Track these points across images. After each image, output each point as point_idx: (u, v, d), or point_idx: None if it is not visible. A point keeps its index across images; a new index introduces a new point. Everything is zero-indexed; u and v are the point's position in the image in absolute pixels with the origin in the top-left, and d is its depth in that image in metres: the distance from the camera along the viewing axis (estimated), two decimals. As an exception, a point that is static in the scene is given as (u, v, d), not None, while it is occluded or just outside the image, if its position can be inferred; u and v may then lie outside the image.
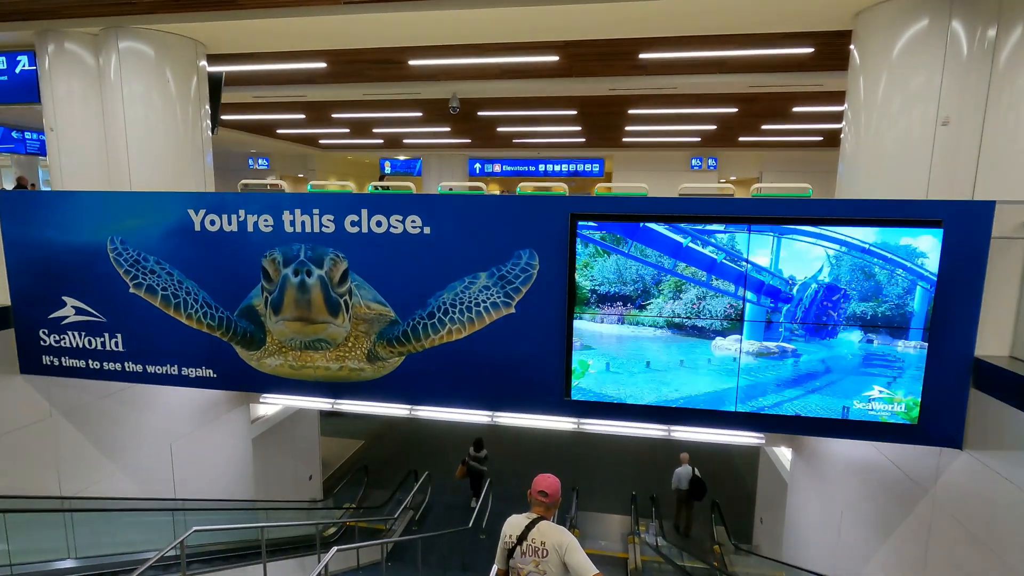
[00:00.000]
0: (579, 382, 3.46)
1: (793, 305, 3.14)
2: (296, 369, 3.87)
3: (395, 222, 3.57)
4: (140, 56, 5.81)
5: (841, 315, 3.09)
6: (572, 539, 2.61)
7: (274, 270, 3.74)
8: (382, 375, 3.78)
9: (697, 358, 3.28)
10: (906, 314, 3.01)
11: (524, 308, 3.50)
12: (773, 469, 7.17)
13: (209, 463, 6.45)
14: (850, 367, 3.13)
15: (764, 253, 3.11)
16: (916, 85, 4.44)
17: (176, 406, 5.92)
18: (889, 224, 2.97)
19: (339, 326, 3.73)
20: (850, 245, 3.01)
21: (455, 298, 3.57)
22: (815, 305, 3.12)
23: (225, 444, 6.74)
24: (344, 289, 3.69)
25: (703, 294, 3.20)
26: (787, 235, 3.07)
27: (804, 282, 3.10)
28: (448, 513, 9.94)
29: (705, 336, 3.25)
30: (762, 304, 3.17)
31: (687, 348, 3.28)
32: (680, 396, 3.34)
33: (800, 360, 3.17)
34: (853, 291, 3.05)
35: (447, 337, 3.62)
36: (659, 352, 3.32)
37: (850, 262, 3.02)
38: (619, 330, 3.34)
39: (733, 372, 3.25)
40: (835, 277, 3.06)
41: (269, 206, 3.71)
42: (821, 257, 3.06)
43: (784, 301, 3.15)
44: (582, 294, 3.33)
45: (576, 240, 3.31)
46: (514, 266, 3.47)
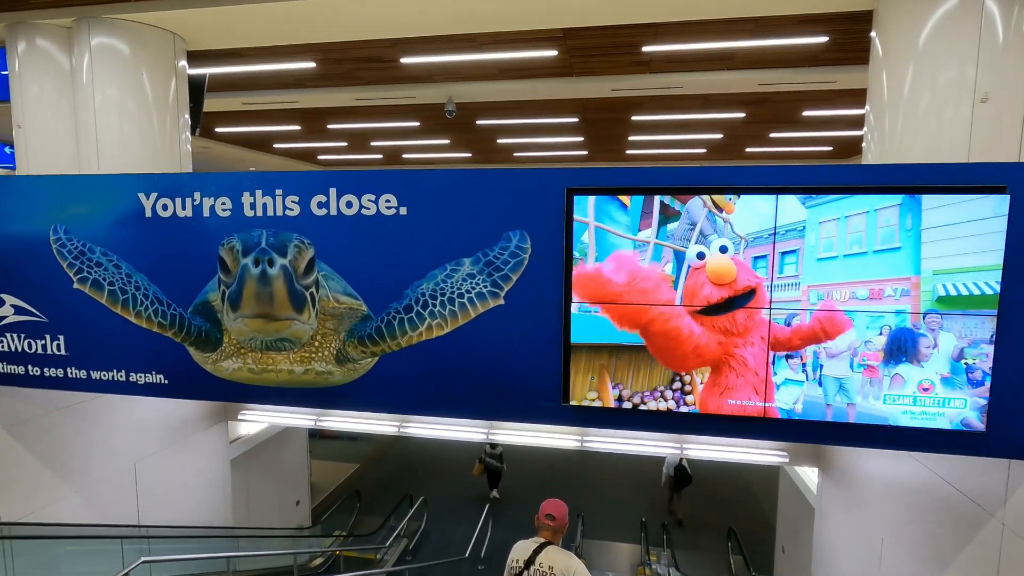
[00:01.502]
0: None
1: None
2: (256, 373, 3.40)
3: (367, 202, 3.13)
4: (114, 54, 5.50)
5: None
6: (580, 564, 2.64)
7: (232, 260, 3.30)
8: (353, 379, 3.30)
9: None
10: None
11: (514, 299, 3.03)
12: (796, 492, 6.55)
13: (180, 486, 5.93)
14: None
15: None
16: (947, 78, 4.02)
17: (142, 422, 5.43)
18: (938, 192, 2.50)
19: (304, 323, 3.27)
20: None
21: (435, 288, 3.10)
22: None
23: (199, 465, 6.22)
24: (310, 280, 3.24)
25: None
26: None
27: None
28: (445, 541, 9.30)
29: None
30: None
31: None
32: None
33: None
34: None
35: (427, 334, 3.15)
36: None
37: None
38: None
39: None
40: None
41: (227, 187, 3.29)
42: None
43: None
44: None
45: (574, 218, 2.86)
46: (502, 250, 3.01)
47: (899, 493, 3.93)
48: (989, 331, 2.50)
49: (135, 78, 5.59)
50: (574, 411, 3.04)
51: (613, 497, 10.84)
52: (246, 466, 7.32)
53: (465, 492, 11.01)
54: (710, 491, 11.04)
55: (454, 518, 9.93)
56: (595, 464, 11.99)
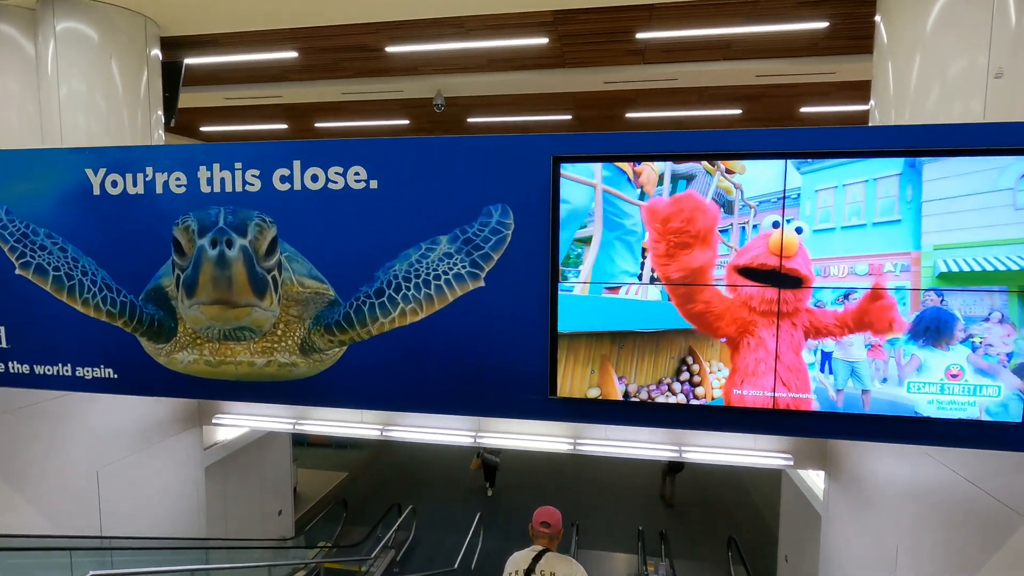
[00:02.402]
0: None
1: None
2: (214, 366, 3.09)
3: (334, 176, 2.85)
4: (81, 41, 5.21)
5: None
6: (581, 569, 2.59)
7: (187, 241, 3.00)
8: (319, 371, 2.99)
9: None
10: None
11: (496, 280, 2.74)
12: (800, 498, 6.25)
13: (148, 495, 5.57)
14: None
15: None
16: (958, 68, 3.78)
17: (106, 426, 5.09)
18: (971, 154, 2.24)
19: (266, 310, 2.97)
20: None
21: (409, 270, 2.81)
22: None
23: (170, 472, 5.87)
24: (272, 262, 2.95)
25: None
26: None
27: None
28: (434, 552, 8.93)
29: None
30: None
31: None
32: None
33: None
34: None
35: (400, 320, 2.85)
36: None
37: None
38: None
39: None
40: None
41: (182, 161, 3.00)
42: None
43: (835, 258, 2.38)
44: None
45: (561, 190, 2.58)
46: (483, 226, 2.73)
47: (916, 496, 3.64)
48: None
49: (103, 68, 5.31)
50: (563, 405, 2.74)
51: (608, 505, 10.49)
52: (223, 474, 6.96)
53: (456, 502, 10.64)
54: (708, 498, 10.72)
55: (444, 528, 9.56)
56: (589, 470, 11.65)
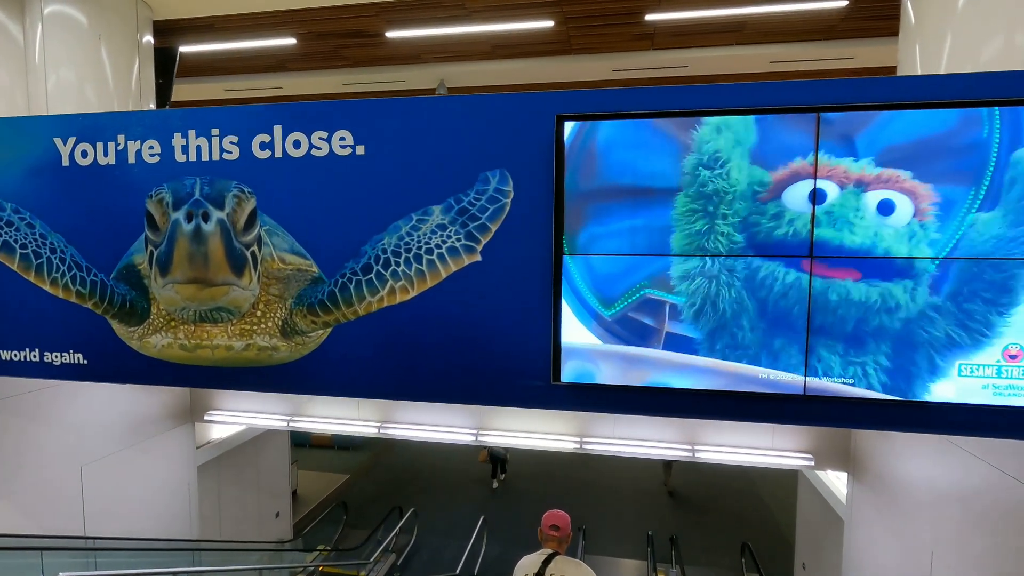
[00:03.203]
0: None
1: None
2: (189, 351, 2.85)
3: (318, 141, 2.61)
4: (69, 26, 5.02)
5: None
6: (592, 573, 2.55)
7: (161, 214, 2.77)
8: (302, 356, 2.75)
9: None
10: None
11: (494, 253, 2.48)
12: (819, 501, 5.92)
13: (136, 493, 5.35)
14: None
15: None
16: (992, 52, 3.47)
17: (91, 420, 4.87)
18: None
19: (245, 288, 2.73)
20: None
21: (399, 243, 2.57)
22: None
23: (159, 470, 5.65)
24: (251, 237, 2.71)
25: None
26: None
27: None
28: (436, 557, 8.66)
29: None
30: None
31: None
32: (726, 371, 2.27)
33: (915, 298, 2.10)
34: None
35: (389, 299, 2.60)
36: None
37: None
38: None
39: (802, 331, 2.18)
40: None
41: (155, 128, 2.78)
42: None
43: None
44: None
45: (565, 152, 2.33)
46: (479, 194, 2.48)
47: (955, 497, 3.33)
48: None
49: (93, 57, 5.11)
50: (567, 392, 2.48)
51: (616, 507, 10.17)
52: (217, 473, 6.73)
53: (460, 505, 10.37)
54: (719, 502, 10.38)
55: (447, 531, 9.28)
56: (596, 470, 11.35)
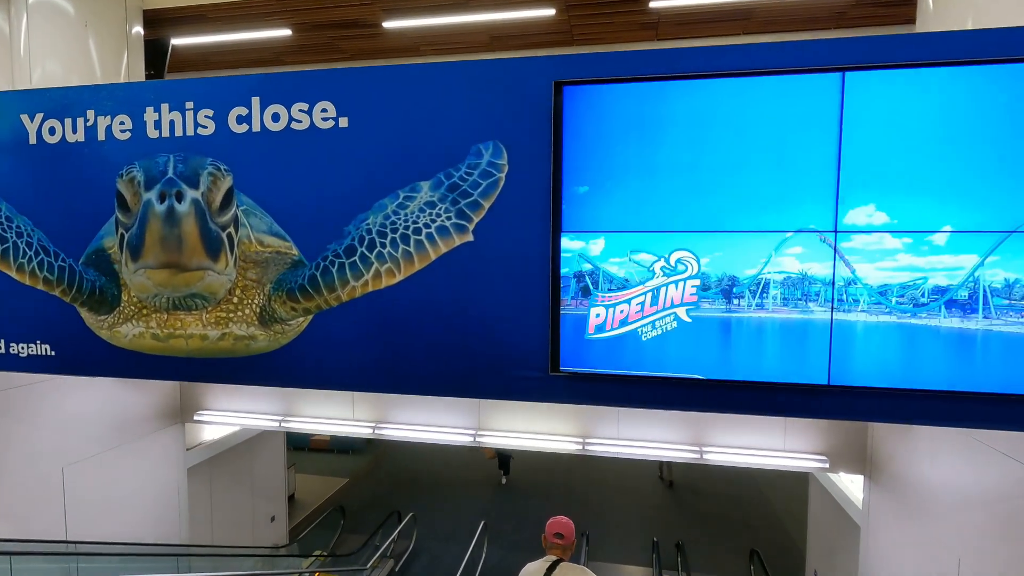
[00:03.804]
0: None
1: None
2: (162, 340, 2.66)
3: (298, 114, 2.43)
4: (55, 15, 4.87)
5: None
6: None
7: (132, 195, 2.59)
8: (281, 345, 2.55)
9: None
10: None
11: (487, 233, 2.29)
12: (833, 506, 5.68)
13: (122, 496, 5.15)
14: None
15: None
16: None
17: (74, 419, 4.69)
18: None
19: (220, 273, 2.54)
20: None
21: (385, 223, 2.38)
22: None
23: (147, 472, 5.46)
24: (227, 218, 2.53)
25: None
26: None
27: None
28: (435, 562, 8.43)
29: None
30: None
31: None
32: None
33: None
34: None
35: (374, 283, 2.41)
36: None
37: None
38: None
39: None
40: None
41: (126, 102, 2.60)
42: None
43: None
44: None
45: (564, 120, 2.14)
46: (471, 169, 2.29)
47: (984, 501, 3.11)
48: None
49: (80, 44, 4.96)
50: (566, 383, 2.28)
51: (621, 512, 9.92)
52: (209, 476, 6.54)
53: (461, 509, 10.14)
54: (725, 509, 10.12)
55: (446, 537, 9.06)
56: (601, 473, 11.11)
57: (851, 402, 2.01)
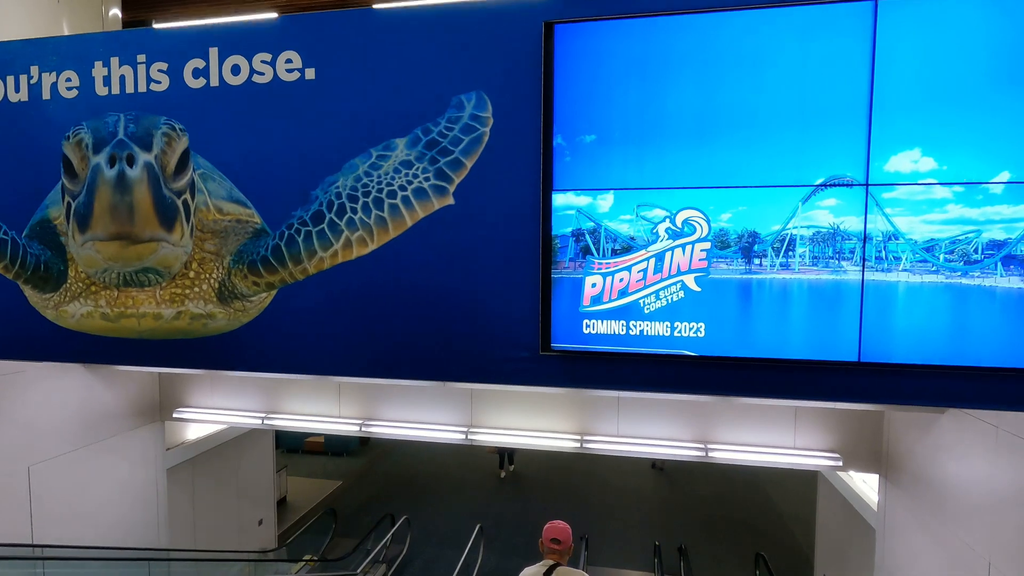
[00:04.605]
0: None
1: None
2: (112, 320, 2.41)
3: (260, 65, 2.18)
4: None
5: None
6: None
7: (80, 159, 2.34)
8: (242, 324, 2.30)
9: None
10: None
11: (470, 195, 2.04)
12: (844, 508, 5.41)
13: (95, 497, 4.88)
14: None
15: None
16: None
17: (41, 416, 4.42)
18: None
19: (176, 245, 2.29)
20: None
21: (356, 185, 2.12)
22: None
23: (122, 473, 5.19)
24: (183, 183, 2.27)
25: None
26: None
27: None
28: (430, 567, 8.14)
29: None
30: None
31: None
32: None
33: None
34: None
35: (344, 254, 2.15)
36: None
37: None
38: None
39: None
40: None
41: (73, 56, 2.35)
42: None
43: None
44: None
45: (556, 64, 1.89)
46: (452, 123, 2.04)
47: (1020, 501, 2.84)
48: None
49: (52, 26, 4.72)
50: (559, 364, 2.02)
51: (621, 514, 9.63)
52: (192, 477, 6.26)
53: (457, 513, 9.86)
54: (728, 509, 9.83)
55: (441, 541, 8.77)
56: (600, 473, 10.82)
57: (888, 383, 1.76)
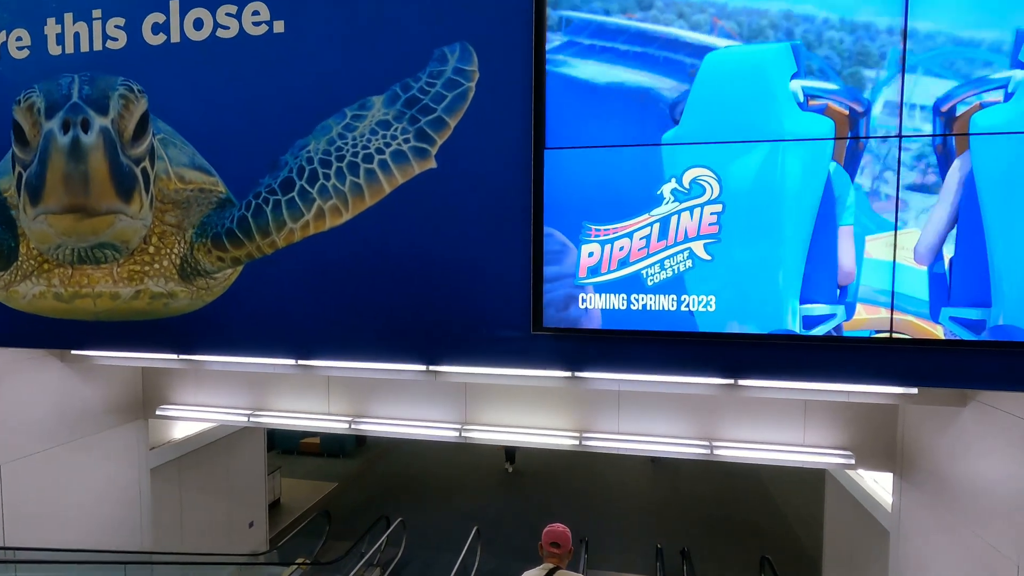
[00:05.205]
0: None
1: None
2: (66, 301, 2.21)
3: (225, 19, 1.99)
4: None
5: None
6: None
7: (31, 125, 2.15)
8: (205, 304, 2.10)
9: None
10: None
11: (453, 157, 1.84)
12: (855, 509, 5.19)
13: (71, 498, 4.68)
14: None
15: None
16: None
17: (14, 413, 4.21)
18: None
19: (134, 217, 2.09)
20: None
21: (329, 149, 1.93)
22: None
23: (102, 472, 4.98)
24: (142, 149, 2.08)
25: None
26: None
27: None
28: (426, 571, 7.92)
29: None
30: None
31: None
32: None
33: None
34: None
35: (316, 225, 1.96)
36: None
37: None
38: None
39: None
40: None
41: (23, 12, 2.16)
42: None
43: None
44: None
45: (547, 8, 1.70)
46: (433, 78, 1.84)
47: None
48: None
49: None
50: (553, 344, 1.81)
51: (624, 518, 9.40)
52: (178, 478, 6.06)
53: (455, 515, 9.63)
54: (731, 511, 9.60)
55: (437, 543, 8.54)
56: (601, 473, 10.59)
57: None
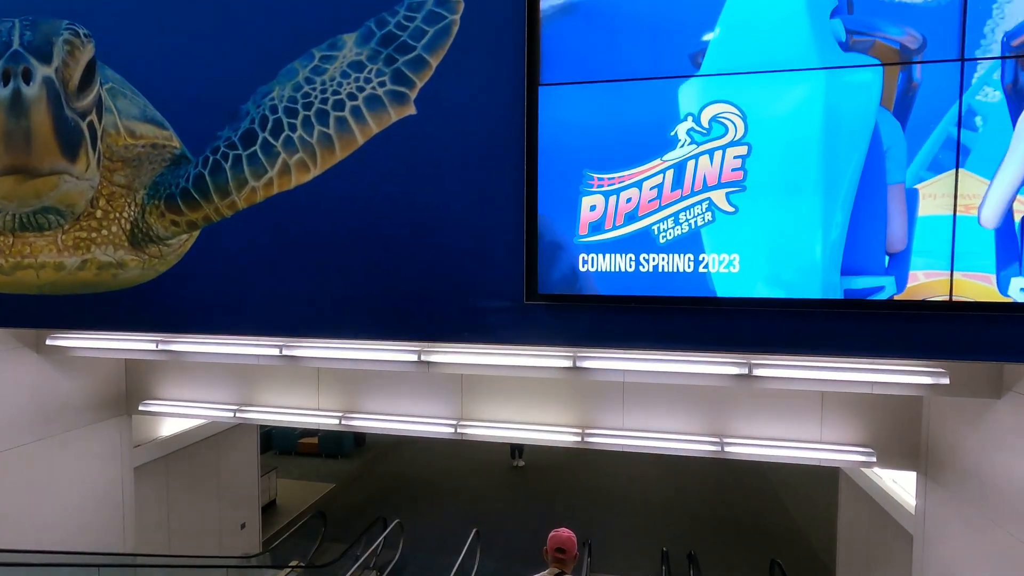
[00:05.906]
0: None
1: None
2: (6, 273, 1.98)
3: (180, -49, 1.76)
4: None
5: None
6: None
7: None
8: (158, 274, 1.86)
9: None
10: None
11: (435, 102, 1.60)
12: (873, 510, 4.92)
13: (48, 497, 4.45)
14: None
15: None
16: None
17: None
18: None
19: (80, 178, 1.86)
20: None
21: (295, 96, 1.69)
22: None
23: (82, 471, 4.75)
24: (89, 100, 1.85)
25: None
26: None
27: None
28: (424, 574, 7.68)
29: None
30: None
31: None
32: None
33: None
34: None
35: (281, 182, 1.72)
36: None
37: None
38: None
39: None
40: None
41: (-41, -50, 1.94)
42: None
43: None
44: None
45: (542, -75, 1.46)
46: (412, 11, 1.61)
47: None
48: None
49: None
50: (548, 314, 1.57)
51: (626, 518, 9.14)
52: (165, 477, 5.83)
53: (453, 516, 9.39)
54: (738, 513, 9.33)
55: (435, 546, 8.30)
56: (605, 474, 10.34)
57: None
